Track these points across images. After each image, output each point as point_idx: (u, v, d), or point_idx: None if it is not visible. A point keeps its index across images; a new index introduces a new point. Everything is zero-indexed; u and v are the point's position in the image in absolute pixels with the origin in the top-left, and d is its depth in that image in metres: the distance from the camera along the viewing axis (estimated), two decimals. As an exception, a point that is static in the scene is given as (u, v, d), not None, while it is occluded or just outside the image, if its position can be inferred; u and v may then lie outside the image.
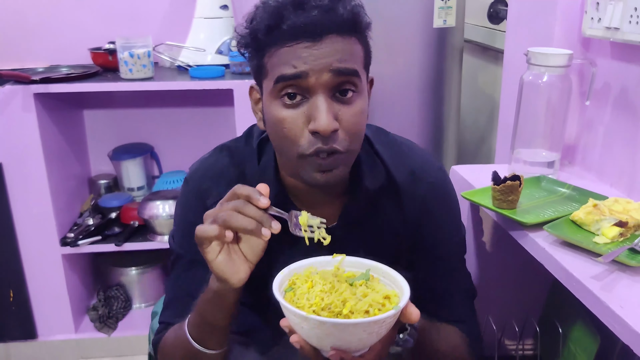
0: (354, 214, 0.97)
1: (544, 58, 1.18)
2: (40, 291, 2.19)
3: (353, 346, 0.69)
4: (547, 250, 0.96)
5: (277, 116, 0.84)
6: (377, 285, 0.77)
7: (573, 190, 1.17)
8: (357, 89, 0.85)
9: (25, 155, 2.01)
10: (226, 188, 0.86)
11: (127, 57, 2.02)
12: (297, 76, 0.81)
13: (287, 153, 0.86)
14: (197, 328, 0.91)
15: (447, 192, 1.03)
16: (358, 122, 0.86)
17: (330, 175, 0.85)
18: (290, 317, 0.70)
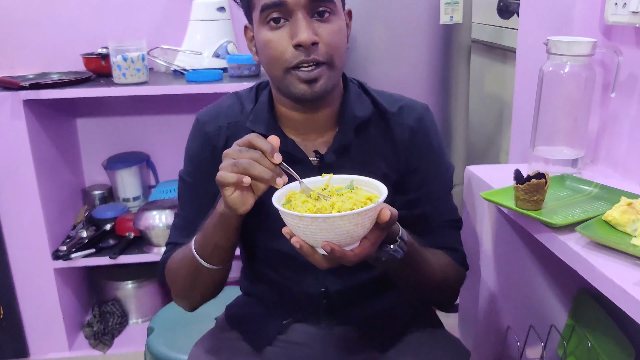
0: (344, 141, 1.05)
1: (566, 47, 1.10)
2: (32, 307, 2.10)
3: (342, 239, 0.80)
4: (580, 253, 0.87)
5: (265, 39, 0.96)
6: (361, 192, 0.87)
7: (601, 189, 1.08)
8: (332, 11, 0.96)
9: (15, 164, 1.93)
10: (225, 120, 1.08)
11: (120, 61, 1.93)
12: (277, 3, 0.93)
13: (276, 70, 0.97)
14: (203, 248, 1.00)
15: (434, 128, 1.11)
16: (336, 38, 0.97)
17: (316, 85, 0.96)
18: (288, 220, 0.81)
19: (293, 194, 0.87)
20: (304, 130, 1.06)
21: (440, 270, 1.06)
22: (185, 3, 2.22)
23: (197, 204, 1.11)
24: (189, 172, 1.12)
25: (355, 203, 0.81)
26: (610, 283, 0.80)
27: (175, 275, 1.10)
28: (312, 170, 1.02)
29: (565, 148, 1.18)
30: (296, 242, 0.82)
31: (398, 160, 1.08)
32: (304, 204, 0.83)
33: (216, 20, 2.17)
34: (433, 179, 1.10)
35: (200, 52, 2.13)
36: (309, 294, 1.12)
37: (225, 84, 1.97)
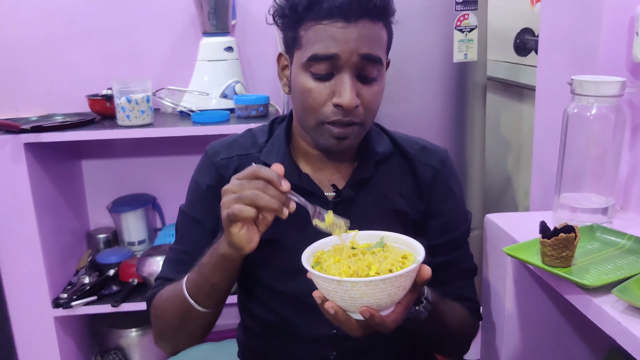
0: (364, 176, 1.04)
1: (593, 87, 1.01)
2: (31, 357, 2.01)
3: (382, 303, 0.76)
4: (618, 320, 0.77)
5: (305, 86, 0.94)
6: (393, 249, 0.84)
7: (635, 241, 0.98)
8: (379, 73, 0.96)
9: (16, 209, 1.87)
10: (236, 152, 1.07)
11: (125, 103, 1.88)
12: (330, 57, 0.91)
13: (309, 118, 0.96)
14: (197, 287, 0.97)
15: (456, 173, 1.11)
16: (376, 101, 0.97)
17: (344, 142, 0.96)
18: (324, 285, 0.77)
19: (322, 254, 0.85)
20: (320, 165, 1.06)
21: (457, 324, 1.04)
22: (192, 43, 2.18)
23: (194, 238, 1.08)
24: (191, 204, 1.10)
25: (393, 263, 0.79)
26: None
27: (161, 314, 1.05)
28: (327, 206, 1.01)
29: (593, 195, 1.09)
30: (330, 308, 0.78)
31: (419, 198, 1.07)
32: (336, 265, 0.80)
33: (224, 61, 2.12)
34: (455, 226, 1.09)
35: (207, 92, 2.07)
36: (317, 339, 1.05)
37: (232, 125, 1.91)
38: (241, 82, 2.14)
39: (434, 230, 1.08)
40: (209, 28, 2.12)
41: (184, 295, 0.98)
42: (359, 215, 1.02)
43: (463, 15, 1.67)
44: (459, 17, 1.68)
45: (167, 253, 1.14)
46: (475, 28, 1.71)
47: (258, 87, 2.29)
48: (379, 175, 1.06)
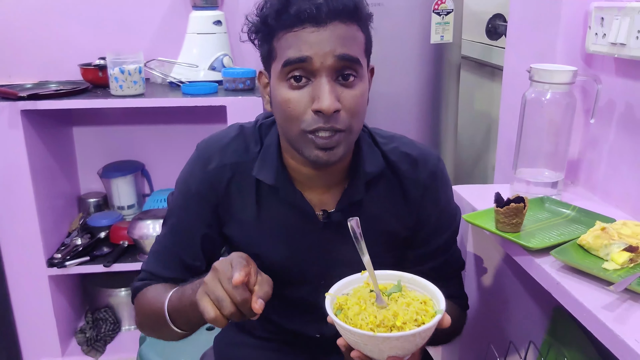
0: (354, 199, 1.02)
1: (548, 75, 1.14)
2: (25, 313, 2.12)
3: (408, 351, 0.79)
4: (554, 277, 0.91)
5: (283, 97, 0.90)
6: (410, 293, 0.85)
7: (578, 212, 1.12)
8: (357, 75, 0.91)
9: (12, 173, 1.95)
10: (229, 159, 1.03)
11: (118, 73, 1.97)
12: (303, 60, 0.87)
13: (291, 130, 0.92)
14: (176, 312, 0.96)
15: (446, 179, 1.09)
16: (358, 104, 0.91)
17: (331, 153, 0.91)
18: (352, 337, 0.78)
19: (344, 300, 0.84)
20: (311, 184, 1.02)
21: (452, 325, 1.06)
22: (182, 16, 2.26)
23: (180, 238, 1.07)
24: (180, 204, 1.08)
25: (417, 312, 0.80)
26: (580, 306, 0.84)
27: (142, 313, 1.06)
28: (316, 226, 1.02)
29: (546, 170, 1.23)
30: (358, 358, 0.80)
31: (409, 215, 1.06)
32: (362, 314, 0.80)
33: (212, 34, 2.21)
34: (444, 231, 1.09)
35: (196, 64, 2.16)
36: (304, 336, 1.13)
37: (220, 97, 2.00)
38: (229, 55, 2.23)
39: (422, 239, 1.08)
40: (199, 2, 2.20)
41: (164, 312, 0.98)
42: (349, 237, 0.98)
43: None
44: (436, 1, 1.79)
45: (155, 243, 1.12)
46: (452, 11, 1.82)
47: (245, 61, 2.38)
48: (370, 196, 1.03)
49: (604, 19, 1.13)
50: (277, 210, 1.05)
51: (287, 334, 1.14)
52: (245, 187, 1.04)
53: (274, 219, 1.04)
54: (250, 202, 1.04)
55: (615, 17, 1.10)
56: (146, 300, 1.05)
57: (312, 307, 1.09)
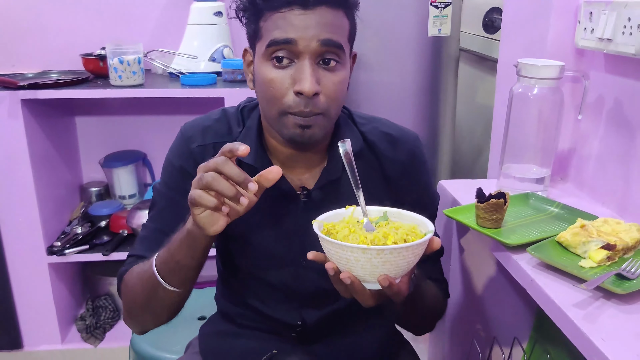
0: (332, 177, 1.03)
1: (535, 70, 1.13)
2: (26, 300, 2.15)
3: (400, 271, 0.79)
4: (529, 273, 0.91)
5: (266, 76, 0.92)
6: (396, 222, 0.86)
7: (562, 209, 1.11)
8: (340, 60, 0.93)
9: (12, 162, 1.98)
10: (212, 139, 1.04)
11: (117, 64, 1.98)
12: (287, 42, 0.89)
13: (271, 109, 0.94)
14: (165, 264, 0.95)
15: (424, 160, 1.10)
16: (338, 89, 0.94)
17: (309, 131, 0.93)
18: (344, 254, 0.77)
19: (332, 226, 0.85)
20: (292, 164, 1.04)
21: (432, 302, 1.07)
22: (183, 7, 2.27)
23: (169, 217, 1.06)
24: (166, 184, 1.08)
25: (407, 233, 0.80)
26: (551, 303, 0.84)
27: (130, 291, 1.04)
28: (297, 205, 1.04)
29: (534, 166, 1.22)
30: (347, 278, 0.79)
31: (388, 195, 1.06)
32: (353, 235, 0.80)
33: (213, 25, 2.21)
34: (422, 211, 1.05)
35: (196, 56, 2.17)
36: (286, 324, 1.13)
37: (219, 88, 2.01)
38: (229, 47, 2.24)
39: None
40: (200, -7, 2.21)
41: (153, 270, 0.96)
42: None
43: (438, -8, 1.77)
44: (434, -6, 1.77)
45: (141, 231, 1.11)
46: (450, 4, 1.80)
47: (246, 52, 2.38)
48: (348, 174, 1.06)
49: (593, 13, 1.12)
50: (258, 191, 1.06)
51: (270, 322, 1.15)
52: None
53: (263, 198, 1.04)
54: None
55: (603, 12, 1.08)
56: (132, 275, 1.04)
57: (294, 293, 1.11)
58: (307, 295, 1.11)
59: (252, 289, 1.12)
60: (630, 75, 1.08)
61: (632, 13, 1.00)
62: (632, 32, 1.00)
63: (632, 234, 0.97)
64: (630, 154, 1.09)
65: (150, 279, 0.97)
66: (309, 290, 1.11)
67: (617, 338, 0.74)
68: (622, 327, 0.77)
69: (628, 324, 0.78)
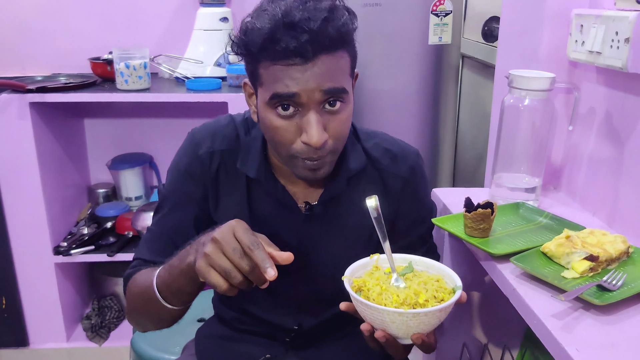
0: (335, 193, 1.06)
1: (525, 81, 1.15)
2: (32, 299, 2.20)
3: (432, 327, 0.82)
4: (511, 283, 0.92)
5: (271, 124, 0.92)
6: (421, 273, 0.89)
7: (551, 219, 1.12)
8: (344, 100, 0.93)
9: (20, 163, 2.02)
10: (220, 146, 1.05)
11: (123, 68, 2.02)
12: (290, 96, 0.88)
13: (280, 152, 0.96)
14: (165, 285, 0.96)
15: (424, 175, 1.14)
16: (345, 127, 0.95)
17: (319, 173, 0.96)
18: (379, 316, 0.80)
19: (363, 283, 0.86)
20: (294, 179, 1.05)
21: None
22: (189, 13, 2.31)
23: (173, 221, 1.08)
24: (172, 189, 1.09)
25: (437, 289, 0.84)
26: (531, 313, 0.85)
27: (132, 297, 1.06)
28: (299, 218, 1.06)
29: (525, 176, 1.23)
30: (382, 337, 0.82)
31: (389, 209, 1.08)
32: (384, 294, 0.83)
33: (219, 30, 2.25)
34: (422, 223, 1.14)
35: (201, 61, 2.20)
36: (283, 328, 1.16)
37: (224, 93, 2.04)
38: (235, 52, 2.27)
39: (403, 231, 1.11)
40: (206, -2, 2.25)
41: (153, 289, 0.97)
42: (330, 229, 1.08)
43: (439, 1, 1.79)
44: (435, 2, 1.79)
45: (146, 233, 1.12)
46: (451, 13, 1.82)
47: (251, 57, 2.41)
48: (351, 190, 1.07)
49: (583, 26, 1.13)
50: (262, 200, 1.08)
51: (266, 326, 1.17)
52: (234, 175, 1.07)
53: (260, 209, 1.08)
54: (239, 190, 1.07)
55: (592, 25, 1.09)
56: (135, 284, 1.05)
57: (291, 298, 1.13)
58: (305, 301, 1.14)
59: (249, 294, 1.12)
60: (619, 87, 1.10)
61: (619, 27, 1.01)
62: (619, 45, 1.02)
63: (617, 245, 0.98)
64: (620, 165, 1.11)
65: (150, 295, 0.98)
66: (306, 297, 1.13)
67: (591, 348, 0.76)
68: (598, 337, 0.79)
69: (604, 335, 0.79)
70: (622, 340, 0.78)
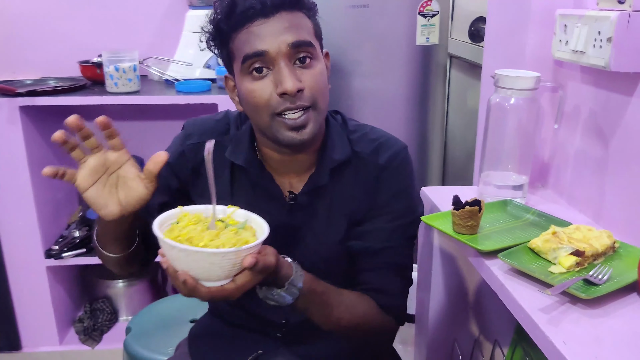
0: (319, 183, 1.08)
1: (511, 81, 1.16)
2: (24, 302, 2.20)
3: (198, 274, 0.83)
4: (499, 279, 0.94)
5: (248, 88, 0.98)
6: (247, 233, 0.89)
7: (538, 216, 1.14)
8: (313, 56, 0.99)
9: (11, 167, 2.03)
10: (209, 136, 1.05)
11: (113, 71, 2.02)
12: (259, 54, 0.95)
13: (261, 117, 0.99)
14: (99, 236, 1.06)
15: (405, 169, 1.12)
16: (319, 81, 0.99)
17: (304, 132, 0.98)
18: (159, 243, 0.85)
19: (185, 216, 0.92)
20: (282, 169, 1.10)
21: (352, 318, 1.07)
22: (178, 15, 2.31)
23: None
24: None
25: (224, 243, 0.84)
26: (519, 307, 0.87)
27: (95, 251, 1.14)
28: (284, 208, 1.10)
29: (513, 174, 1.25)
30: (163, 263, 0.86)
31: (366, 199, 1.10)
32: (185, 228, 0.87)
33: (208, 33, 2.25)
34: (390, 217, 1.11)
35: (191, 63, 2.21)
36: (271, 322, 1.18)
37: (214, 95, 2.05)
38: (224, 54, 2.28)
39: (367, 217, 1.11)
40: (195, 1, 2.26)
41: (95, 241, 1.08)
42: (312, 219, 1.10)
43: (426, 2, 1.81)
44: (422, 3, 1.81)
45: None
46: (438, 14, 1.84)
47: (241, 59, 2.42)
48: (334, 181, 1.09)
49: (567, 26, 1.15)
50: (247, 191, 1.11)
51: (256, 320, 1.19)
52: (221, 166, 1.11)
53: (245, 199, 1.09)
54: (224, 181, 1.11)
55: (576, 25, 1.12)
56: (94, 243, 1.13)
57: None
58: None
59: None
60: (603, 86, 1.12)
61: (601, 27, 1.03)
62: (602, 45, 1.04)
63: (603, 240, 1.00)
64: (604, 162, 1.13)
65: (97, 248, 1.09)
66: None
67: (578, 341, 0.78)
68: (584, 330, 0.80)
69: (590, 328, 0.81)
70: (608, 333, 0.80)
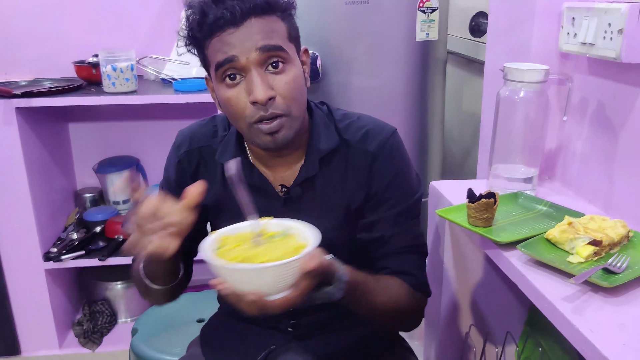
0: (309, 174, 1.08)
1: (520, 74, 1.17)
2: (23, 306, 2.17)
3: (264, 289, 0.82)
4: (519, 270, 0.95)
5: (224, 96, 0.98)
6: (292, 240, 0.89)
7: (550, 207, 1.16)
8: (285, 60, 0.98)
9: (8, 169, 2.00)
10: (197, 144, 1.12)
11: (110, 71, 2.00)
12: (230, 60, 0.95)
13: (239, 125, 1.01)
14: (147, 268, 1.06)
15: (399, 152, 1.11)
16: (292, 88, 0.98)
17: (278, 137, 0.98)
18: (214, 270, 0.83)
19: (227, 239, 0.90)
20: (272, 164, 1.10)
21: (388, 300, 1.06)
22: (174, 14, 2.30)
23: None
24: (163, 183, 1.19)
25: (282, 256, 0.82)
26: (541, 297, 0.88)
27: (135, 283, 1.15)
28: (278, 202, 1.09)
29: (522, 166, 1.26)
30: (224, 290, 0.83)
31: (360, 187, 1.09)
32: (234, 250, 0.86)
33: (204, 31, 2.24)
34: (393, 203, 1.09)
35: (187, 62, 2.20)
36: (282, 317, 1.17)
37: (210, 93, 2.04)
38: (221, 53, 2.27)
39: (368, 208, 1.10)
40: None
41: (140, 273, 1.07)
42: (306, 211, 1.08)
43: (426, -3, 1.81)
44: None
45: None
46: (437, 9, 1.85)
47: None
48: (324, 171, 1.09)
49: (575, 18, 1.16)
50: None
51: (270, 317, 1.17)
52: (212, 169, 1.12)
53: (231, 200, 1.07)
54: (217, 184, 1.12)
55: (584, 18, 1.13)
56: (133, 271, 1.14)
57: None
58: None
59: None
60: (612, 77, 1.13)
61: (612, 19, 1.04)
62: (612, 37, 1.05)
63: (618, 230, 1.01)
64: (613, 153, 1.14)
65: (141, 281, 1.08)
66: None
67: (604, 329, 0.79)
68: (609, 318, 0.81)
69: (614, 316, 0.82)
70: (632, 320, 0.81)
